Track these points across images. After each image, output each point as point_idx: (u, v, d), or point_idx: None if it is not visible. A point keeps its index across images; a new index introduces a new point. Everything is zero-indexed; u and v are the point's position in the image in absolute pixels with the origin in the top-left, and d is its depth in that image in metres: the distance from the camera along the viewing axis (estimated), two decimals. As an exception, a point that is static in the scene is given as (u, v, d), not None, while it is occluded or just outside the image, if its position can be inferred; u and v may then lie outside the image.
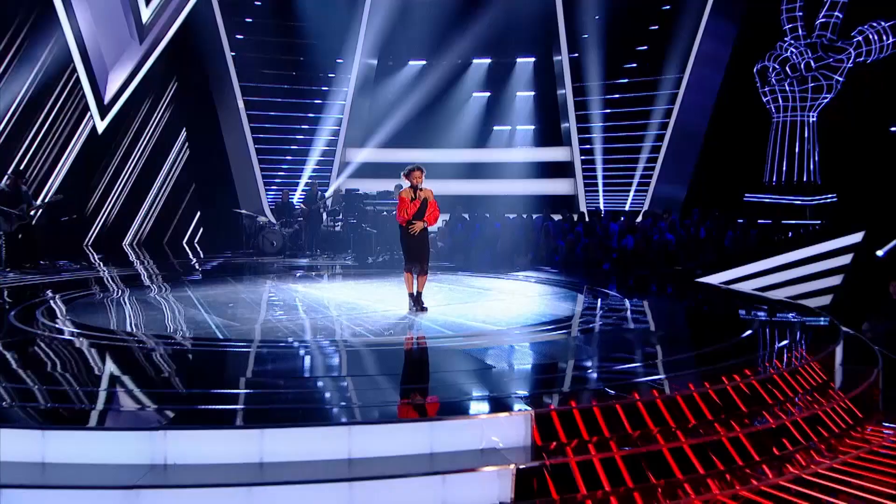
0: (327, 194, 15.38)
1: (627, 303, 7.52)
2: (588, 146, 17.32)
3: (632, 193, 16.55)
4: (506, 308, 7.16)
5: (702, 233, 12.13)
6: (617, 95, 16.60)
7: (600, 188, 16.96)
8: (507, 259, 12.41)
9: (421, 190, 6.19)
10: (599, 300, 7.76)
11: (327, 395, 4.07)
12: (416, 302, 6.44)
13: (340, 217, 14.09)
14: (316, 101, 17.54)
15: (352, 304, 7.15)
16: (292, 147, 17.43)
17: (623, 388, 4.09)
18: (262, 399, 3.90)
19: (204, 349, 5.13)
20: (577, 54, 17.16)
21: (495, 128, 19.04)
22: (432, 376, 4.65)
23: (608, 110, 16.80)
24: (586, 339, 5.59)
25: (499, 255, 12.61)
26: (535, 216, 14.14)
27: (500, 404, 3.78)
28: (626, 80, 16.55)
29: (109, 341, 5.28)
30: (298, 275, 10.21)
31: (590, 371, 4.72)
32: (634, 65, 16.47)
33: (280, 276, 10.11)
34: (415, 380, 4.58)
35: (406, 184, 6.28)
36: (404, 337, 5.70)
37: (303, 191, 16.80)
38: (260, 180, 17.07)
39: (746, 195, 14.30)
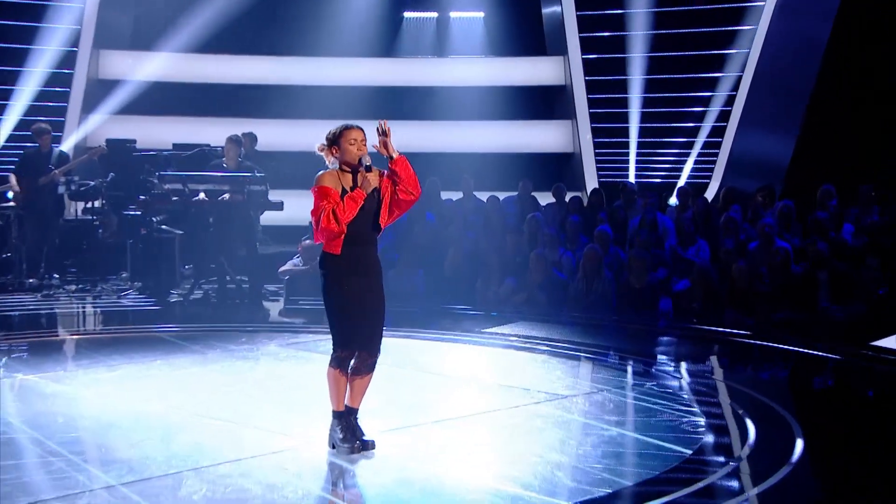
0: (66, 147, 15.29)
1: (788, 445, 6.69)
2: (602, 55, 17.27)
3: (694, 154, 16.66)
4: (529, 435, 6.76)
5: (845, 233, 12.02)
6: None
7: (632, 142, 16.84)
8: (464, 291, 12.45)
9: (370, 171, 6.00)
10: (700, 401, 7.79)
11: None
12: (349, 431, 6.17)
13: (103, 203, 13.79)
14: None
15: (182, 447, 6.13)
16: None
17: None
18: None
19: None
20: None
21: (407, 15, 19.41)
22: None
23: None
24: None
25: (448, 283, 12.63)
26: (502, 198, 14.24)
27: None
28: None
29: None
30: (14, 346, 9.81)
31: None
32: None
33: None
34: None
35: (331, 163, 6.09)
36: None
37: (11, 144, 15.88)
38: None
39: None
